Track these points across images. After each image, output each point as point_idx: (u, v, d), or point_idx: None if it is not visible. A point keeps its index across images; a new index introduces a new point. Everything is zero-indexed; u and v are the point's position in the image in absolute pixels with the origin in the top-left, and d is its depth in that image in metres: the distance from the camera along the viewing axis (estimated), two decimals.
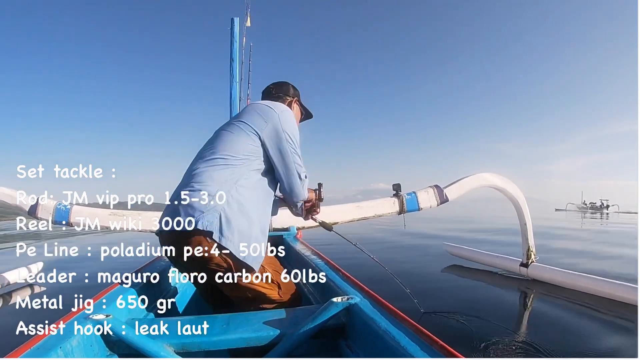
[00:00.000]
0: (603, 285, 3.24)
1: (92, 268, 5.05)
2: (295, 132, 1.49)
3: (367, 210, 3.54)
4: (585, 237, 9.50)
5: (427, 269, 4.57)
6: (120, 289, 1.42)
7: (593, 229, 12.29)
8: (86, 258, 6.12)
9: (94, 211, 3.33)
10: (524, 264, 3.91)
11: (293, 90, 1.76)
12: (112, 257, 2.95)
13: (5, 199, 3.32)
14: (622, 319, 2.60)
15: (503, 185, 3.83)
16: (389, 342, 0.90)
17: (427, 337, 0.85)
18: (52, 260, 6.95)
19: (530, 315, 2.82)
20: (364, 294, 1.23)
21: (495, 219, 14.74)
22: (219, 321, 1.21)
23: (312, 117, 1.87)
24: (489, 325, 2.52)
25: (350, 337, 1.16)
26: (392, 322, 0.98)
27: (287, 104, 1.66)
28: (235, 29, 3.83)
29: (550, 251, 5.74)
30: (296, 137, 1.48)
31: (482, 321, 2.61)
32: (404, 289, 2.34)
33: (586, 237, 9.30)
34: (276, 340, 1.10)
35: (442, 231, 9.44)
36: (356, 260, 4.27)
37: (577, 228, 12.76)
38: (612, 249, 6.47)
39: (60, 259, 6.98)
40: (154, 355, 1.03)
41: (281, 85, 1.76)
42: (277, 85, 1.76)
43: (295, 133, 1.48)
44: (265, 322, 1.19)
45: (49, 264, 6.03)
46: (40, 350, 0.88)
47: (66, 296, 3.75)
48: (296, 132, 1.49)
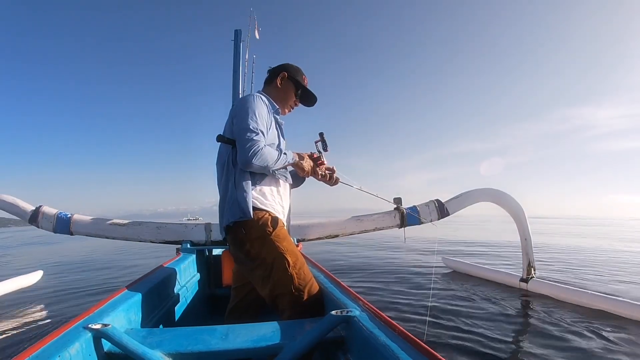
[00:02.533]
0: (603, 301, 3.22)
1: (92, 277, 5.07)
2: (245, 109, 1.56)
3: (367, 224, 3.54)
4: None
5: (425, 282, 4.53)
6: (120, 298, 1.42)
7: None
8: (86, 266, 6.12)
9: (94, 221, 3.33)
10: (524, 279, 3.89)
11: (282, 68, 1.84)
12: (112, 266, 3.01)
13: (6, 207, 3.33)
14: (618, 333, 2.58)
15: (503, 200, 3.83)
16: (388, 356, 0.89)
17: (427, 351, 0.84)
18: (52, 268, 6.94)
19: (527, 329, 2.79)
20: (363, 307, 1.23)
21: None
22: (218, 332, 1.21)
23: (309, 92, 1.87)
24: (488, 341, 2.50)
25: (350, 350, 1.16)
26: (391, 335, 0.97)
27: (276, 81, 1.81)
28: (239, 41, 3.86)
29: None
30: (246, 112, 1.55)
31: (481, 335, 2.59)
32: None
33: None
34: (275, 352, 1.10)
35: (441, 244, 9.40)
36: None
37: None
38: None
39: (60, 267, 6.96)
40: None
41: (274, 70, 1.86)
42: (271, 71, 1.87)
43: (245, 109, 1.56)
44: (264, 333, 1.19)
45: (48, 272, 6.02)
46: (39, 359, 0.87)
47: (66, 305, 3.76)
48: (246, 109, 1.56)
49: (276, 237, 1.53)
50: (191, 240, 3.15)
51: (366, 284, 4.64)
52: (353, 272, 5.61)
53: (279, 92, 1.81)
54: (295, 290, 1.48)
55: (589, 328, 2.75)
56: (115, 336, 1.04)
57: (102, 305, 1.30)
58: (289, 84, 1.82)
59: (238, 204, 1.52)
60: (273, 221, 1.56)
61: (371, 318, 1.12)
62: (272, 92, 1.81)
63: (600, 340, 2.51)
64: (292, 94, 1.83)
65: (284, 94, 1.81)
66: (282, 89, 1.81)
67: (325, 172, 1.87)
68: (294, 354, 1.08)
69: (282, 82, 1.81)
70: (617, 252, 8.14)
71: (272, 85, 1.82)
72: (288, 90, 1.82)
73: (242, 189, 1.54)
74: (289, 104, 1.84)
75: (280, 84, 1.81)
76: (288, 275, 1.49)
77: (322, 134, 1.87)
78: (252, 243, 1.52)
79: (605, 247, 9.54)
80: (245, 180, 1.56)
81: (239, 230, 1.53)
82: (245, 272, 1.64)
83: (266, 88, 1.85)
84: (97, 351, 1.06)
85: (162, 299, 1.85)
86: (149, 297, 1.63)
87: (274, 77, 1.82)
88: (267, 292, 1.53)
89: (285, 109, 1.85)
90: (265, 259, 1.51)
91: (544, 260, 6.25)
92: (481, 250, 8.35)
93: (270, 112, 1.68)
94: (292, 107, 1.87)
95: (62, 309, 3.74)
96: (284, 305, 1.49)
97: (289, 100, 1.83)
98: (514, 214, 3.84)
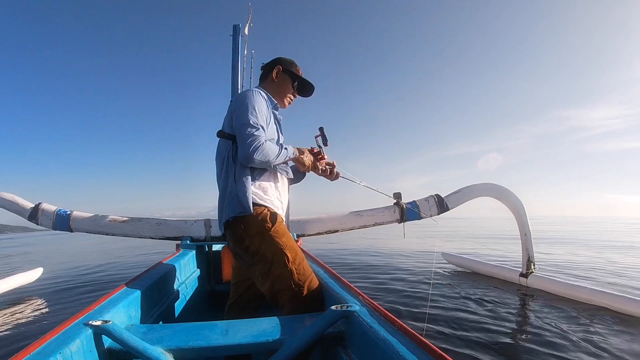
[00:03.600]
0: (603, 296, 3.23)
1: (93, 273, 5.07)
2: (245, 105, 1.56)
3: (367, 219, 3.54)
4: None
5: (425, 277, 4.55)
6: (121, 295, 1.42)
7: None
8: (86, 263, 6.12)
9: (94, 217, 3.33)
10: (524, 274, 3.89)
11: (276, 62, 1.84)
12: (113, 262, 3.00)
13: (5, 205, 3.33)
14: (617, 329, 2.59)
15: (503, 195, 3.83)
16: (387, 351, 0.89)
17: (427, 346, 0.84)
18: (52, 265, 6.96)
19: (527, 324, 2.80)
20: (363, 302, 1.23)
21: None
22: (218, 328, 1.22)
23: (306, 81, 1.87)
24: (488, 335, 2.51)
25: (349, 345, 1.16)
26: (391, 330, 0.98)
27: (272, 76, 1.81)
28: (238, 36, 3.84)
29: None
30: (246, 107, 1.55)
31: (480, 330, 2.60)
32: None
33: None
34: (275, 347, 1.10)
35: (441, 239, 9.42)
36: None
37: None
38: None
39: (60, 264, 6.97)
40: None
41: (268, 64, 1.86)
42: (265, 66, 1.87)
43: (245, 105, 1.56)
44: (264, 329, 1.19)
45: (48, 269, 6.03)
46: (40, 356, 0.87)
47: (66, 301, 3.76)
48: (246, 104, 1.57)
49: (275, 232, 1.53)
50: (191, 236, 3.16)
51: (363, 281, 4.65)
52: (347, 267, 5.62)
53: (276, 86, 1.81)
54: (295, 285, 1.49)
55: (589, 324, 2.75)
56: (115, 332, 1.04)
57: (103, 301, 1.31)
58: (285, 76, 1.82)
59: (238, 199, 1.52)
60: (272, 217, 1.56)
61: (371, 313, 1.12)
62: (269, 86, 1.81)
63: (600, 336, 2.52)
64: (289, 86, 1.83)
65: (281, 88, 1.82)
66: (278, 83, 1.81)
67: (325, 166, 1.88)
68: (294, 349, 1.08)
69: (278, 76, 1.81)
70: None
71: (268, 80, 1.82)
72: (285, 83, 1.82)
73: (242, 184, 1.54)
74: (287, 96, 1.84)
75: (276, 78, 1.81)
76: (288, 270, 1.49)
77: (322, 128, 1.87)
78: (252, 239, 1.52)
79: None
80: (245, 175, 1.56)
81: (238, 226, 1.53)
82: (245, 267, 1.64)
83: (262, 84, 1.85)
84: (98, 347, 1.07)
85: (162, 295, 1.86)
86: (149, 293, 1.63)
87: (269, 72, 1.82)
88: (266, 288, 1.53)
89: (285, 102, 1.85)
90: (264, 254, 1.51)
91: (544, 260, 6.27)
92: (482, 247, 8.37)
93: (269, 107, 1.68)
94: (291, 100, 1.87)
95: (62, 306, 3.75)
96: (283, 301, 1.50)
97: (287, 93, 1.83)
98: (514, 209, 3.83)
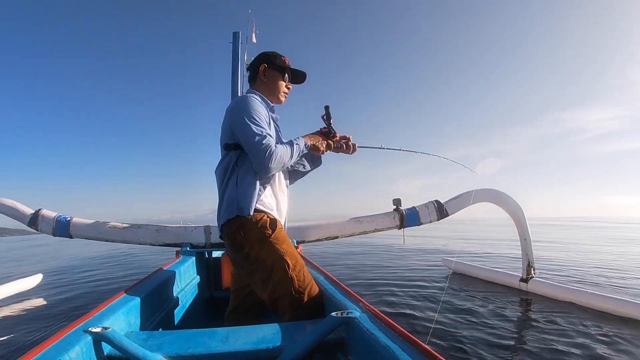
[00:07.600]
0: (604, 300, 3.22)
1: (92, 280, 5.05)
2: (245, 114, 1.54)
3: (367, 225, 3.54)
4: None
5: (427, 282, 4.53)
6: (120, 301, 1.42)
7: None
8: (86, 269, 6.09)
9: (94, 224, 3.32)
10: (524, 279, 3.88)
11: (259, 60, 1.79)
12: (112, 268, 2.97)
13: (5, 211, 3.32)
14: (619, 333, 2.58)
15: (503, 200, 3.83)
16: (388, 358, 0.89)
17: (428, 352, 0.84)
18: (51, 271, 6.93)
19: (527, 330, 2.79)
20: (364, 308, 1.23)
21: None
22: (218, 335, 1.21)
23: (296, 71, 1.84)
24: (488, 341, 2.50)
25: (350, 351, 1.16)
26: (392, 337, 0.97)
27: (259, 76, 1.76)
28: (237, 43, 3.85)
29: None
30: (248, 116, 1.53)
31: (480, 335, 2.59)
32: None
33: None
34: (275, 354, 1.10)
35: (441, 244, 9.40)
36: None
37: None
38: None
39: (59, 270, 6.94)
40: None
41: (252, 65, 1.81)
42: (250, 67, 1.83)
43: (245, 114, 1.53)
44: (264, 336, 1.19)
45: (48, 274, 6.00)
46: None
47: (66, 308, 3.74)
48: (247, 113, 1.54)
49: (276, 239, 1.53)
50: (191, 243, 3.15)
51: (363, 287, 4.63)
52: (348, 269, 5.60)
53: (267, 85, 1.77)
54: (296, 292, 1.48)
55: (589, 328, 2.74)
56: (115, 339, 1.04)
57: (102, 308, 1.30)
58: (273, 72, 1.76)
59: (237, 202, 1.52)
60: (272, 223, 1.56)
61: (372, 319, 1.12)
62: (261, 87, 1.77)
63: (601, 340, 2.51)
64: (280, 81, 1.77)
65: (272, 85, 1.77)
66: (268, 81, 1.76)
67: (341, 142, 1.83)
68: (295, 356, 1.08)
69: (266, 74, 1.76)
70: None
71: (258, 81, 1.78)
72: (274, 79, 1.77)
73: (243, 188, 1.54)
74: (281, 91, 1.79)
75: (265, 76, 1.76)
76: (288, 277, 1.49)
77: (327, 107, 1.81)
78: (252, 245, 1.51)
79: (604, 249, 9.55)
80: (246, 180, 1.55)
81: (238, 232, 1.52)
82: (244, 274, 1.64)
83: (253, 86, 1.80)
84: (97, 354, 1.06)
85: (162, 302, 1.85)
86: (149, 300, 1.63)
87: (255, 73, 1.78)
88: (267, 295, 1.52)
89: (280, 97, 1.80)
90: (265, 261, 1.50)
91: (543, 260, 6.26)
92: (482, 252, 8.35)
93: (266, 109, 1.67)
94: (286, 93, 1.82)
95: (61, 312, 3.73)
96: (284, 308, 1.49)
97: (279, 88, 1.78)
98: (514, 214, 3.83)
